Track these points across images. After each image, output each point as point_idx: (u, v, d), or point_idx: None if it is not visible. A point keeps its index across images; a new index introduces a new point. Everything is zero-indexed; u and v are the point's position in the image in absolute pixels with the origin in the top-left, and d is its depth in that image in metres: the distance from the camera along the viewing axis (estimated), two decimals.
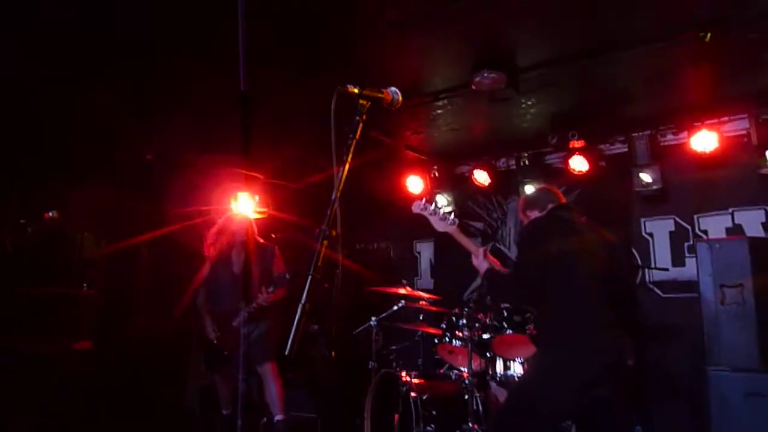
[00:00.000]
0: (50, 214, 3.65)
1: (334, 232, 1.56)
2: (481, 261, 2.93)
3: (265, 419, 4.73)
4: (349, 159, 1.66)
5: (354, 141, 1.70)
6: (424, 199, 3.14)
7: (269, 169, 5.70)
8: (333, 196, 1.59)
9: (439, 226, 3.04)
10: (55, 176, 4.80)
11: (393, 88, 1.88)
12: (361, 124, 1.73)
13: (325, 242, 1.54)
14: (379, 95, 1.84)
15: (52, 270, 5.34)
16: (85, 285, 5.32)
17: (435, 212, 3.06)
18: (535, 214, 3.07)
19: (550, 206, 3.03)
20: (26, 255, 4.25)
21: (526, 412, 2.69)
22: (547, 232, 2.83)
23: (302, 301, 1.49)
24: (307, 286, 1.50)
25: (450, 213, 3.08)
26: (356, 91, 1.77)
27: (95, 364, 5.92)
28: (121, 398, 5.67)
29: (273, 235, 5.25)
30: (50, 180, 4.97)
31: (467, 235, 3.10)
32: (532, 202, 3.17)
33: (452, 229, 3.01)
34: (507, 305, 4.31)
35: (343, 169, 1.64)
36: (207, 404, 6.06)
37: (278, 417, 4.52)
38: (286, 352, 1.46)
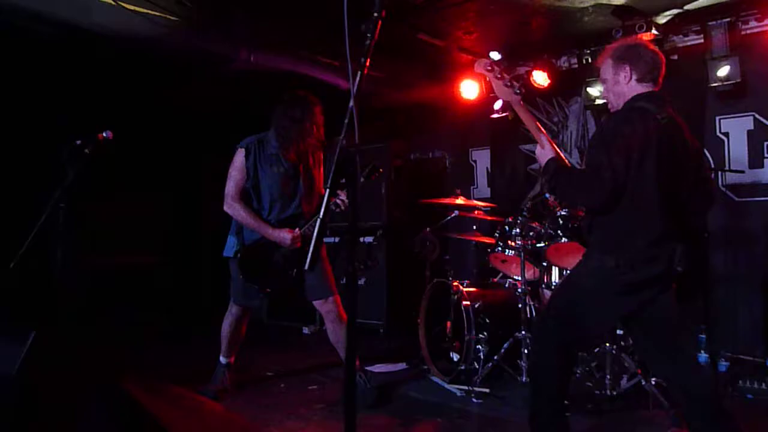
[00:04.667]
0: (104, 134, 3.62)
1: (352, 143, 1.46)
2: (546, 151, 2.59)
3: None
4: (368, 63, 1.51)
5: (372, 41, 1.54)
6: (490, 59, 2.71)
7: None
8: (350, 104, 1.47)
9: (503, 93, 2.63)
10: None
11: None
12: (380, 22, 1.55)
13: (342, 154, 1.44)
14: None
15: None
16: None
17: (501, 76, 2.60)
18: (626, 73, 2.62)
19: (638, 92, 2.60)
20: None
21: (568, 317, 2.61)
22: (632, 132, 2.45)
23: (320, 215, 1.43)
24: (325, 201, 1.44)
25: (517, 80, 2.67)
26: None
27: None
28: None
29: None
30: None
31: (526, 137, 2.71)
32: (635, 58, 2.64)
33: (516, 99, 2.60)
34: (564, 212, 4.14)
35: (361, 74, 1.50)
36: (274, 312, 6.38)
37: None
38: (306, 267, 1.42)
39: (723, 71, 4.56)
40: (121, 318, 5.55)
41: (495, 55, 5.40)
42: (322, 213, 1.42)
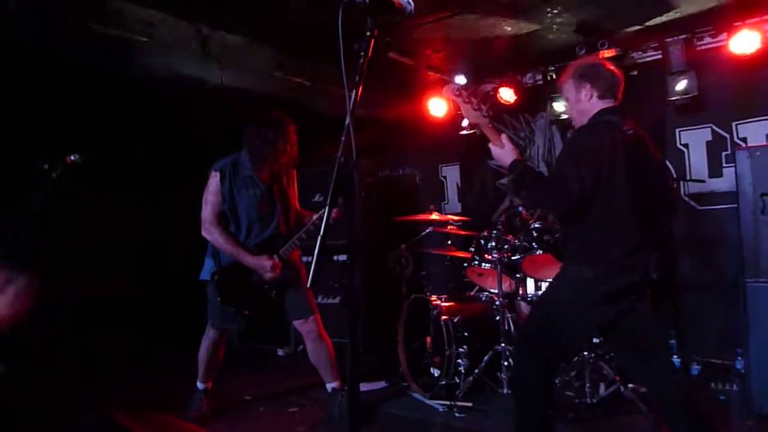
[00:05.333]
0: (72, 157, 3.51)
1: (350, 159, 1.48)
2: (507, 151, 2.63)
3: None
4: (362, 80, 1.53)
5: (366, 59, 1.57)
6: (457, 84, 2.75)
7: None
8: (346, 121, 1.49)
9: (471, 116, 2.67)
10: None
11: None
12: (372, 40, 1.58)
13: (340, 171, 1.45)
14: (390, 3, 1.63)
15: None
16: None
17: (469, 100, 2.65)
18: (587, 91, 2.71)
19: (600, 107, 2.70)
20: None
21: (547, 329, 2.66)
22: (600, 145, 2.52)
23: (320, 233, 1.43)
24: (324, 218, 1.44)
25: (485, 103, 2.73)
26: (365, 1, 1.56)
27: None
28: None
29: None
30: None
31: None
32: (595, 77, 2.73)
33: (484, 122, 2.64)
34: (537, 224, 4.22)
35: (356, 92, 1.52)
36: (246, 335, 6.27)
37: (334, 384, 3.77)
38: (308, 284, 1.42)
39: (681, 85, 4.74)
40: (96, 345, 5.38)
41: (461, 80, 5.52)
42: (322, 230, 1.43)
